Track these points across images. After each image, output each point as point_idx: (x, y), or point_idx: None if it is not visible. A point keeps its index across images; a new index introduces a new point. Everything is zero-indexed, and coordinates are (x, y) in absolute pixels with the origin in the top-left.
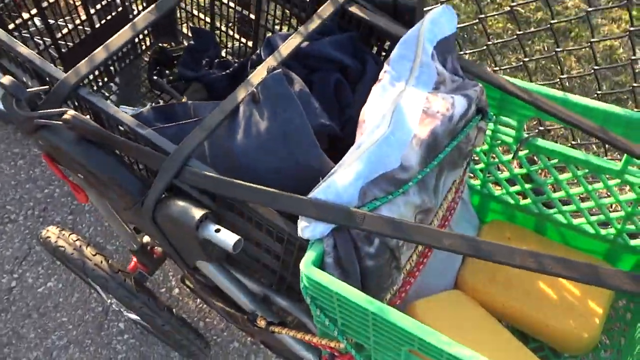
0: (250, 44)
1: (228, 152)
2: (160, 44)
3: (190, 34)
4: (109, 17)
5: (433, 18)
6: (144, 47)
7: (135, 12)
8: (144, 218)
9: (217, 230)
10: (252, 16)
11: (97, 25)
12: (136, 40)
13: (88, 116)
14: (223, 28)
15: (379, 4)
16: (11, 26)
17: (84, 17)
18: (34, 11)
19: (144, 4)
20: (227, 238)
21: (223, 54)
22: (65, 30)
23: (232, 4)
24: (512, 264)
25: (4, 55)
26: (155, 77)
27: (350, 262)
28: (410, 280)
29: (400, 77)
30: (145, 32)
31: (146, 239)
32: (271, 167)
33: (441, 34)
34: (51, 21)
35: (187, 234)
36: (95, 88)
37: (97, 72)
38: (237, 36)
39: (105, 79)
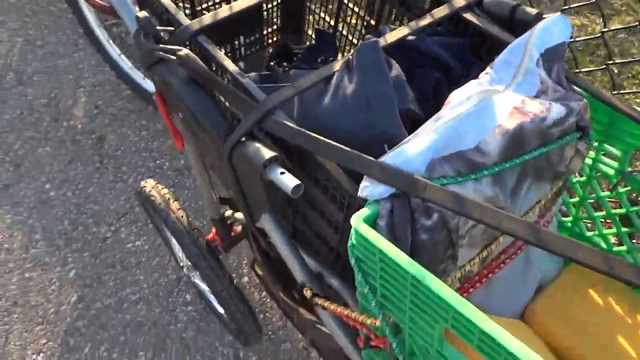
0: None
1: (314, 115)
2: (285, 41)
3: (314, 36)
4: None
5: (545, 26)
6: (270, 41)
7: None
8: (223, 158)
9: (282, 173)
10: (373, 22)
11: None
12: (264, 33)
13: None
14: (345, 32)
15: (494, 15)
16: None
17: None
18: None
19: None
20: (289, 181)
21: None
22: None
23: (356, 9)
24: (573, 258)
25: (147, 6)
26: (272, 64)
27: (404, 231)
28: (468, 289)
29: (502, 81)
30: (274, 27)
31: (228, 212)
32: (350, 130)
33: (551, 42)
34: None
35: (255, 175)
36: None
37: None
38: (355, 41)
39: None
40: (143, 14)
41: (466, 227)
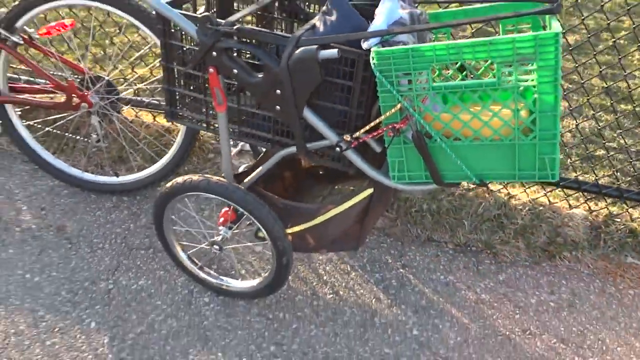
0: None
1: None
2: None
3: None
4: None
5: None
6: None
7: None
8: (283, 71)
9: (326, 50)
10: None
11: None
12: None
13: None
14: None
15: None
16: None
17: None
18: None
19: None
20: (333, 50)
21: None
22: None
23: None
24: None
25: (172, 35)
26: None
27: None
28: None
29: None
30: None
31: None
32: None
33: None
34: None
35: (308, 65)
36: None
37: None
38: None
39: None
40: (204, 13)
41: None
